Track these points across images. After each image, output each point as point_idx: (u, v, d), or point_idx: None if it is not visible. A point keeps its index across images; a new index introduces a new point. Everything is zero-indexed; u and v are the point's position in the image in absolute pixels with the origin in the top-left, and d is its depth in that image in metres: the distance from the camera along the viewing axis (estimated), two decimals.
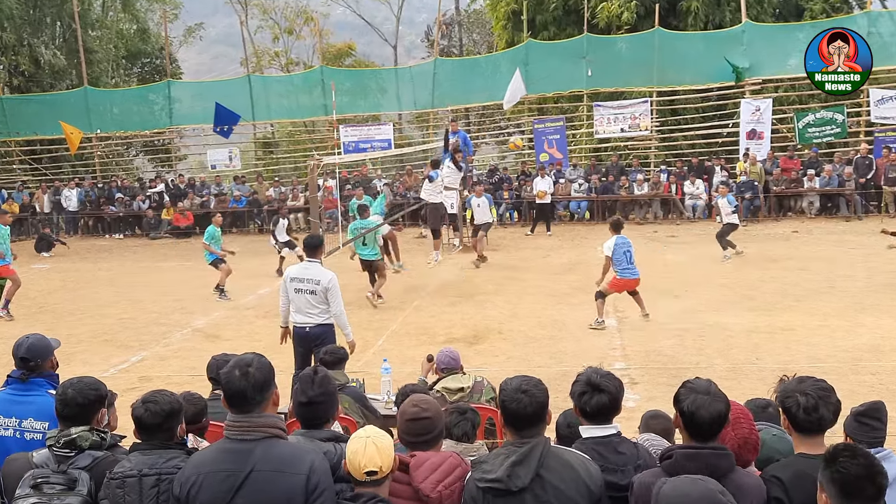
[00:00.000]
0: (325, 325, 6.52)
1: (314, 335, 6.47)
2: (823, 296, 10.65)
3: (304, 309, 6.51)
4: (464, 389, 4.85)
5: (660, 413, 3.70)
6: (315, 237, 6.94)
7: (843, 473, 2.24)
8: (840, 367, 7.47)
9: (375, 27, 37.16)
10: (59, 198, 22.09)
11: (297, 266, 6.75)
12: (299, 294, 6.50)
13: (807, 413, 2.73)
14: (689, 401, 2.59)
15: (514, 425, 2.70)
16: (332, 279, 6.47)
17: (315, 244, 6.70)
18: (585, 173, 20.07)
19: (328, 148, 22.30)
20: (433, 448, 2.90)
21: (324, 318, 6.50)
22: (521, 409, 2.66)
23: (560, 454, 2.68)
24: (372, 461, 2.56)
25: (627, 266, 9.53)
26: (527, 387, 2.71)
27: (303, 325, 6.53)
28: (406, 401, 3.02)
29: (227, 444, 2.59)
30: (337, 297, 6.46)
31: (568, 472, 2.62)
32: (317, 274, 6.50)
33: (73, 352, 8.88)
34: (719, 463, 2.53)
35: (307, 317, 6.50)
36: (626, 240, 9.68)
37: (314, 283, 6.45)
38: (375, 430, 2.69)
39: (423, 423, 2.89)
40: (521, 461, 2.60)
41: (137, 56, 29.95)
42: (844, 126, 18.81)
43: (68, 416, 2.99)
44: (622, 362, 8.08)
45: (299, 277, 6.53)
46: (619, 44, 21.00)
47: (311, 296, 6.46)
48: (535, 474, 2.59)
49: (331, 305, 6.45)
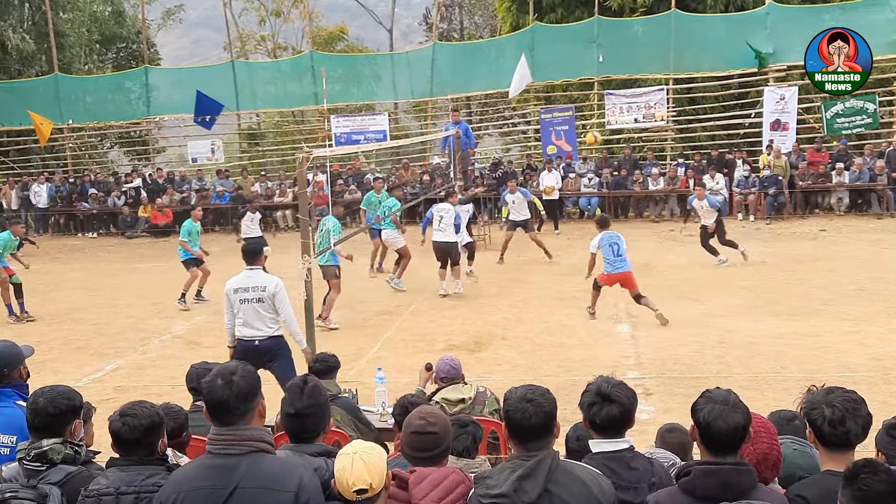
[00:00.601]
0: (277, 338, 6.47)
1: (265, 349, 6.42)
2: (853, 299, 10.66)
3: (252, 321, 6.44)
4: (465, 401, 4.86)
5: (676, 426, 3.70)
6: (255, 243, 6.94)
7: (864, 491, 2.24)
8: (871, 376, 7.48)
9: (369, 9, 37.17)
10: (27, 193, 22.09)
11: (239, 276, 6.65)
12: (245, 304, 6.44)
13: (833, 426, 2.73)
14: (705, 411, 2.60)
15: (519, 437, 2.71)
16: (279, 284, 6.48)
17: (255, 251, 6.69)
18: (596, 167, 20.09)
19: (318, 140, 22.32)
20: (437, 464, 2.90)
21: (274, 329, 6.46)
22: (525, 419, 2.67)
23: (570, 468, 2.69)
24: (361, 479, 2.56)
25: (614, 259, 9.99)
26: (532, 396, 2.71)
27: (251, 338, 6.44)
28: (413, 412, 3.02)
29: (210, 459, 2.59)
30: (285, 303, 6.43)
31: (578, 488, 2.62)
32: (261, 280, 6.48)
33: (43, 360, 8.88)
34: (741, 480, 2.53)
35: (256, 330, 6.43)
36: (613, 234, 10.20)
37: (260, 291, 6.40)
38: (363, 445, 2.68)
39: (429, 438, 2.89)
40: (528, 475, 2.60)
41: (112, 40, 29.95)
42: (876, 116, 18.83)
43: (39, 427, 3.00)
44: (636, 371, 8.09)
45: (243, 287, 6.47)
46: (632, 27, 21.01)
47: (259, 304, 6.41)
48: (542, 489, 2.58)
49: (279, 312, 6.43)
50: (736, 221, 18.18)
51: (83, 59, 27.32)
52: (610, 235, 10.13)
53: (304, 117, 26.27)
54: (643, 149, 21.07)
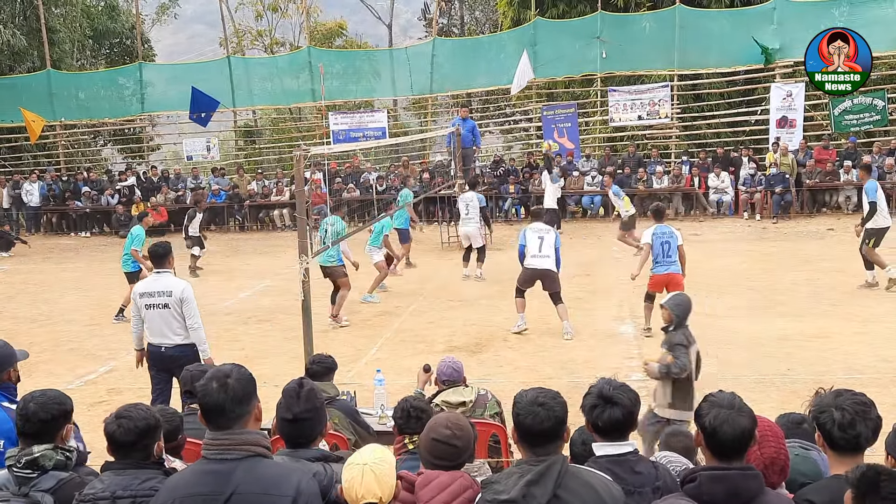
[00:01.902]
0: (185, 346, 6.26)
1: (170, 357, 6.25)
2: (862, 300, 10.67)
3: (159, 328, 6.26)
4: (466, 404, 4.85)
5: (680, 430, 3.72)
6: (161, 245, 6.55)
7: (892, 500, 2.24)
8: (880, 378, 7.48)
9: (368, 4, 37.17)
10: (19, 192, 22.07)
11: (146, 280, 6.50)
12: (151, 310, 6.24)
13: (842, 430, 2.73)
14: (710, 416, 2.59)
15: (529, 441, 2.70)
16: (186, 289, 6.27)
17: (162, 252, 6.44)
18: (599, 165, 20.07)
19: (316, 137, 22.34)
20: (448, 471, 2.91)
21: (182, 337, 6.25)
22: (537, 423, 2.66)
23: (579, 474, 2.69)
24: (370, 491, 2.56)
25: (662, 260, 9.23)
26: (544, 399, 2.71)
27: (158, 345, 6.29)
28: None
29: (206, 464, 2.58)
30: (193, 309, 6.23)
31: (588, 494, 2.62)
32: (168, 285, 6.28)
33: (35, 362, 8.88)
34: (748, 485, 2.52)
35: (163, 337, 6.27)
36: (668, 229, 9.37)
37: (166, 296, 6.22)
38: (373, 456, 2.67)
39: (450, 450, 2.90)
40: (537, 480, 2.60)
41: (106, 36, 29.93)
42: (885, 113, 18.81)
43: (30, 433, 2.99)
44: (639, 373, 8.08)
45: (149, 291, 6.28)
46: (636, 22, 20.99)
47: (165, 310, 6.22)
48: (552, 495, 2.58)
49: (187, 319, 6.21)
50: (742, 220, 18.20)
51: (76, 55, 27.29)
52: (664, 231, 9.29)
53: (302, 114, 26.27)
54: (647, 146, 21.05)
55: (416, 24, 42.32)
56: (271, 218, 20.84)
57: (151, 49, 30.18)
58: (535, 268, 9.69)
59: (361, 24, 38.86)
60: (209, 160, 23.83)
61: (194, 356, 6.22)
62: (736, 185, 18.90)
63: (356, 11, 38.79)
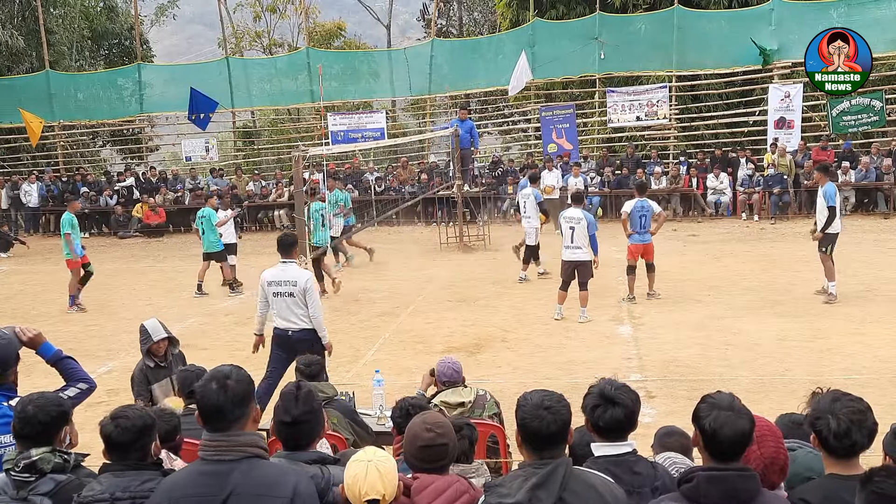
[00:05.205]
0: (309, 330, 6.69)
1: (297, 340, 6.65)
2: (860, 300, 10.66)
3: (286, 314, 6.70)
4: (465, 404, 4.85)
5: (675, 430, 3.68)
6: (289, 235, 7.04)
7: (878, 494, 2.27)
8: (878, 379, 7.47)
9: (367, 5, 37.16)
10: (17, 193, 22.07)
11: (274, 268, 6.86)
12: (278, 298, 6.68)
13: (837, 439, 2.75)
14: (710, 418, 2.58)
15: (534, 445, 2.69)
16: (309, 279, 6.72)
17: (289, 243, 6.85)
18: (598, 166, 20.08)
19: (315, 138, 22.34)
20: (442, 473, 2.90)
21: (306, 322, 6.68)
22: (543, 427, 2.65)
23: (583, 476, 2.68)
24: (374, 489, 2.55)
25: (638, 231, 10.82)
26: (549, 402, 2.70)
27: (285, 329, 6.71)
28: (417, 421, 2.97)
29: (203, 465, 2.58)
30: (314, 298, 6.66)
31: (592, 496, 2.61)
32: (294, 275, 6.69)
33: (33, 363, 8.85)
34: (746, 486, 2.53)
35: (289, 322, 6.69)
36: (646, 203, 10.92)
37: (291, 286, 6.63)
38: (377, 454, 2.67)
39: (438, 451, 2.89)
40: (543, 484, 2.59)
41: (104, 36, 29.92)
42: (883, 114, 18.82)
43: (29, 436, 2.97)
44: (638, 374, 8.09)
45: (276, 280, 6.70)
46: (634, 23, 21.01)
47: (290, 298, 6.64)
48: (557, 498, 2.58)
49: (308, 307, 6.63)
50: (740, 221, 18.21)
51: (74, 56, 27.25)
52: (643, 206, 10.87)
53: (301, 115, 26.24)
54: (645, 147, 21.07)
55: (414, 25, 42.35)
56: (270, 218, 20.82)
57: (150, 50, 30.15)
58: (568, 260, 10.23)
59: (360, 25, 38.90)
60: (208, 161, 23.82)
61: (316, 340, 6.66)
62: (734, 185, 18.91)
63: (355, 12, 38.81)
